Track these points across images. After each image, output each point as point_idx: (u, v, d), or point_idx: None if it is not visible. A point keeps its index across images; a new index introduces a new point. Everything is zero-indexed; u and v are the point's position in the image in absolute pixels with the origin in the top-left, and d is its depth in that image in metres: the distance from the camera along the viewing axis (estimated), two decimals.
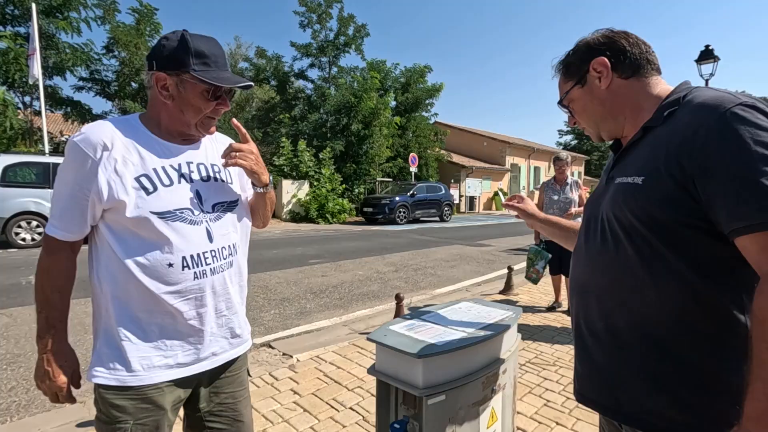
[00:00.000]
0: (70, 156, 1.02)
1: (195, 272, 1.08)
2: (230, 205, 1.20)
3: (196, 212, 1.11)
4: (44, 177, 8.62)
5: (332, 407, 2.48)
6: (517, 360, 1.53)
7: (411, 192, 16.63)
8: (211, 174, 1.18)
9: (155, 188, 1.05)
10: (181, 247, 1.06)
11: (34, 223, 8.45)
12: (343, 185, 17.83)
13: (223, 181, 1.21)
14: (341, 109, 19.29)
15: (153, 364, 1.06)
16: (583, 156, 44.09)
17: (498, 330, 1.34)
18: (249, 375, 1.26)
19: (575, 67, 0.97)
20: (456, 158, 26.81)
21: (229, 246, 1.17)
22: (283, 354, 3.25)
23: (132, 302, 1.05)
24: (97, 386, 1.06)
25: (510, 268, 5.47)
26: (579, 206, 4.41)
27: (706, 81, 9.11)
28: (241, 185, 1.28)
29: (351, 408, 2.47)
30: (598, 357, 0.90)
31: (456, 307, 1.59)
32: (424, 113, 24.63)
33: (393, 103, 22.67)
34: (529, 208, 1.37)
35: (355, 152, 19.33)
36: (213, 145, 1.24)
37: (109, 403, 1.05)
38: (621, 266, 0.84)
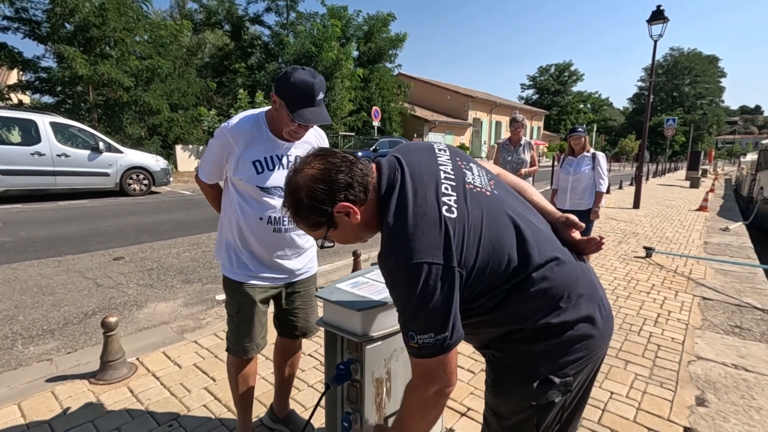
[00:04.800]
0: (220, 137, 1.58)
1: (274, 227, 1.63)
2: None
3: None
4: None
5: None
6: None
7: (373, 147, 16.56)
8: None
9: (263, 170, 1.58)
10: (269, 210, 1.61)
11: None
12: None
13: None
14: (301, 59, 18.46)
15: (246, 273, 1.66)
16: (543, 111, 44.94)
17: None
18: (316, 290, 1.77)
19: (316, 221, 0.97)
20: (419, 112, 26.67)
21: None
22: None
23: (237, 232, 1.65)
24: (223, 277, 1.70)
25: None
26: (530, 166, 4.65)
27: (655, 42, 9.46)
28: None
29: (309, 354, 2.72)
30: None
31: None
32: (387, 64, 24.00)
33: (355, 54, 21.88)
34: None
35: None
36: (312, 136, 1.73)
37: (228, 288, 1.70)
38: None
